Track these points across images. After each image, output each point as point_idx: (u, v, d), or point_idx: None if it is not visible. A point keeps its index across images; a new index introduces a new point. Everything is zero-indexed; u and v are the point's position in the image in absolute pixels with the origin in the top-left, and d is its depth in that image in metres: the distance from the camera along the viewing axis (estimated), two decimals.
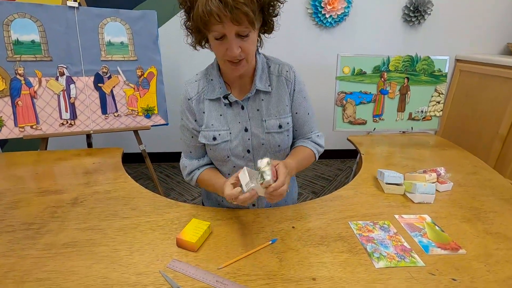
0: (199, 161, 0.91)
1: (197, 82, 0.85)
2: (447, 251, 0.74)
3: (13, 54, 1.32)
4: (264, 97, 0.84)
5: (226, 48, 0.69)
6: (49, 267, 0.66)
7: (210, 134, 0.84)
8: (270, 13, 0.73)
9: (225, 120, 0.84)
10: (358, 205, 0.93)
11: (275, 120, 0.85)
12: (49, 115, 1.41)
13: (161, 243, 0.74)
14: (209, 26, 0.66)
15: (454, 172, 1.13)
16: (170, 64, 2.12)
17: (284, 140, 0.87)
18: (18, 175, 1.10)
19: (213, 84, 0.83)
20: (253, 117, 0.85)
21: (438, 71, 1.58)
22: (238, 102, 0.83)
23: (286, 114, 0.86)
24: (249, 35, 0.69)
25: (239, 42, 0.69)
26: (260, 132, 0.85)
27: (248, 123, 0.84)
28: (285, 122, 0.86)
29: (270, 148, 0.86)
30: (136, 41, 1.54)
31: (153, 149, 2.44)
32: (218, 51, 0.71)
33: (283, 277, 0.65)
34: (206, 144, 0.87)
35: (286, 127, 0.86)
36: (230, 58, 0.71)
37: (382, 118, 1.61)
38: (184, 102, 0.85)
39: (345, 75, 1.54)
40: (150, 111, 1.63)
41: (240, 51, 0.70)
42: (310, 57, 2.27)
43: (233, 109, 0.84)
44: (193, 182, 0.92)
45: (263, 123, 0.84)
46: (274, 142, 0.86)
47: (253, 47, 0.73)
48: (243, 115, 0.84)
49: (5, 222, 0.81)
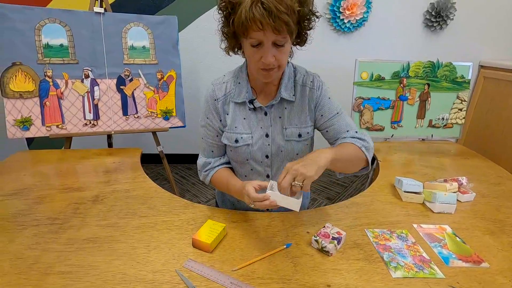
0: (219, 159, 0.93)
1: (225, 83, 0.86)
2: (469, 263, 0.71)
3: (43, 57, 1.40)
4: (287, 105, 0.86)
5: (261, 56, 0.71)
6: (71, 261, 0.69)
7: (233, 136, 0.86)
8: (305, 25, 0.75)
9: (248, 124, 0.86)
10: (375, 212, 0.91)
11: (296, 129, 0.86)
12: (73, 115, 1.47)
13: (178, 243, 0.75)
14: (249, 32, 0.67)
15: (477, 182, 1.09)
16: (188, 68, 2.17)
17: (303, 149, 0.88)
18: (44, 172, 1.15)
19: (240, 87, 0.85)
20: (275, 124, 0.86)
21: (461, 78, 1.54)
22: (262, 108, 0.85)
23: (307, 124, 0.87)
24: (285, 45, 0.71)
25: (274, 51, 0.70)
26: (280, 139, 0.86)
27: (269, 129, 0.86)
28: (305, 132, 0.87)
29: (288, 155, 0.88)
30: (157, 45, 1.58)
31: (170, 150, 2.49)
32: (253, 58, 0.73)
33: (298, 282, 0.64)
34: (227, 145, 0.89)
35: (306, 136, 0.87)
36: (264, 66, 0.72)
37: (401, 125, 1.58)
38: (210, 101, 0.86)
39: (363, 81, 1.52)
40: (168, 113, 1.67)
41: (274, 60, 0.71)
42: (328, 62, 2.26)
43: (256, 114, 0.86)
44: (208, 179, 0.93)
45: (283, 131, 0.86)
46: (292, 150, 0.87)
47: (286, 57, 0.75)
48: (265, 121, 0.86)
49: (31, 216, 0.85)
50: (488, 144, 2.22)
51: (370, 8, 2.13)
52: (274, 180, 0.72)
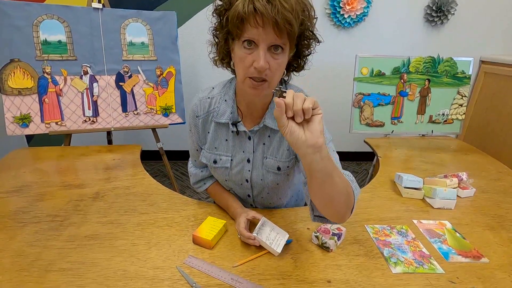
0: (202, 172, 0.90)
1: (209, 99, 0.79)
2: (468, 259, 0.72)
3: (41, 53, 1.38)
4: (270, 133, 0.78)
5: (253, 60, 0.60)
6: (72, 258, 0.69)
7: (211, 157, 0.82)
8: (304, 44, 0.68)
9: (229, 146, 0.80)
10: (375, 208, 0.91)
11: (274, 161, 0.79)
12: (73, 112, 1.47)
13: (178, 239, 0.75)
14: (245, 28, 0.59)
15: (477, 178, 1.09)
16: (188, 64, 2.16)
17: (283, 180, 0.82)
18: (44, 169, 1.15)
19: (226, 105, 0.77)
20: (258, 150, 0.79)
21: (462, 73, 1.53)
22: (246, 132, 0.78)
23: (285, 158, 0.78)
24: (281, 54, 0.62)
25: (269, 58, 0.61)
26: (261, 167, 0.80)
27: (252, 155, 0.79)
28: (285, 166, 0.79)
29: (268, 185, 0.82)
30: (156, 41, 1.57)
31: (169, 147, 2.49)
32: (243, 63, 0.62)
33: (298, 278, 0.64)
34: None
35: (285, 170, 0.79)
36: (254, 73, 0.61)
37: (401, 121, 1.57)
38: (191, 116, 0.81)
39: (363, 76, 1.51)
40: (168, 109, 1.66)
41: (268, 67, 0.61)
42: (328, 57, 2.24)
43: (239, 137, 0.79)
44: (200, 190, 0.93)
45: (263, 160, 0.80)
46: (272, 180, 0.81)
47: (280, 71, 0.65)
48: (248, 145, 0.79)
49: (32, 214, 0.85)
50: (488, 140, 2.21)
51: (370, 3, 2.11)
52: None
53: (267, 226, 0.74)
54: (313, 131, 0.49)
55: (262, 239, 0.69)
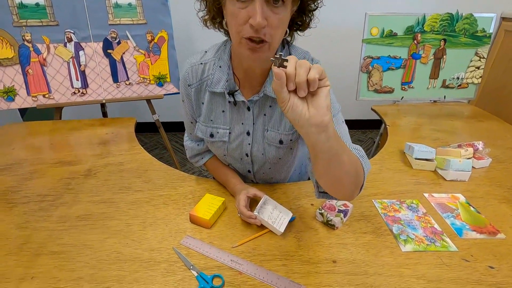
0: (199, 146, 0.84)
1: (202, 65, 0.70)
2: (483, 235, 0.67)
3: (19, 18, 1.26)
4: (272, 103, 0.69)
5: (249, 16, 0.50)
6: (64, 240, 0.65)
7: (207, 130, 0.75)
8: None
9: (226, 117, 0.72)
10: (383, 181, 0.86)
11: (276, 133, 0.71)
12: (60, 84, 1.38)
13: (175, 219, 0.72)
14: None
15: (492, 147, 1.02)
16: (181, 27, 2.00)
17: (286, 154, 0.75)
18: (35, 145, 1.10)
19: (221, 72, 0.68)
20: (258, 121, 0.72)
21: (482, 31, 1.39)
22: (245, 102, 0.69)
23: (288, 131, 0.70)
24: (282, 7, 0.52)
25: (267, 12, 0.50)
26: (262, 140, 0.73)
27: (251, 127, 0.72)
28: (287, 139, 0.71)
29: (270, 159, 0.75)
30: (144, 2, 1.43)
31: (167, 118, 2.41)
32: (237, 20, 0.52)
33: (301, 258, 0.61)
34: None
35: (288, 144, 0.72)
36: (250, 32, 0.52)
37: (412, 86, 1.47)
38: (183, 85, 0.72)
39: (373, 37, 1.38)
40: (162, 79, 1.56)
41: (266, 26, 0.51)
42: (334, 17, 2.06)
43: (238, 108, 0.71)
44: (198, 165, 0.87)
45: (264, 132, 0.72)
46: (274, 154, 0.74)
47: (281, 29, 0.55)
48: (248, 117, 0.71)
49: (21, 194, 0.81)
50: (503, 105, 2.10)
51: None
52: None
53: (269, 204, 0.70)
54: (318, 107, 0.41)
55: (264, 219, 0.65)
